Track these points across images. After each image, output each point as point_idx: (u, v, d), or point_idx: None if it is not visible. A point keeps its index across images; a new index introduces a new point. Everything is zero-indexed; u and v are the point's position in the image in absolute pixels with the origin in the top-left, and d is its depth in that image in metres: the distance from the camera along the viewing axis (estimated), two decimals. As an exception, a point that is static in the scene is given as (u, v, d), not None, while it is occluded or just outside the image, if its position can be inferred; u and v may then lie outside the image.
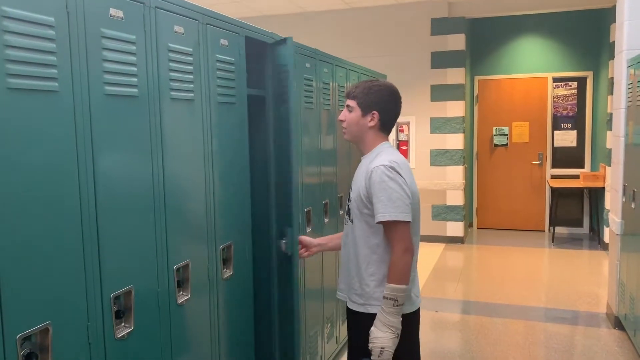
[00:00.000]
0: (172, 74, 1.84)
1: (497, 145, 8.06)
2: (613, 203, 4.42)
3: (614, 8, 4.74)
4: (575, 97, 7.77)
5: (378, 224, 2.00)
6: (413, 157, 7.33)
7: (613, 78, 4.69)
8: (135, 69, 1.66)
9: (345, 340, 3.08)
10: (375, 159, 2.05)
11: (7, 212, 1.24)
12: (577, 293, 5.20)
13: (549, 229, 7.77)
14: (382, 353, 1.93)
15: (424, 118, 7.27)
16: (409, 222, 1.99)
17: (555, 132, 7.85)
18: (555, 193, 7.47)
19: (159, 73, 1.77)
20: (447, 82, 7.15)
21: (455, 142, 7.21)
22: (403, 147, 7.37)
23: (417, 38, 7.18)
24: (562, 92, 7.81)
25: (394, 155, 2.07)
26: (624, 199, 4.08)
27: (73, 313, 1.44)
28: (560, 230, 7.75)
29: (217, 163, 2.13)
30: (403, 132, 7.37)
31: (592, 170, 7.58)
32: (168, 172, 1.83)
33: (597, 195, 7.32)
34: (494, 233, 8.01)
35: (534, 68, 7.83)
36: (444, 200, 7.30)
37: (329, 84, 3.39)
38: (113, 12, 1.58)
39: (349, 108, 2.13)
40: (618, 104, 4.31)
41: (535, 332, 4.28)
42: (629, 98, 3.99)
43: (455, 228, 7.32)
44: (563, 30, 7.64)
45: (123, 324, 1.64)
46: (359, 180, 2.09)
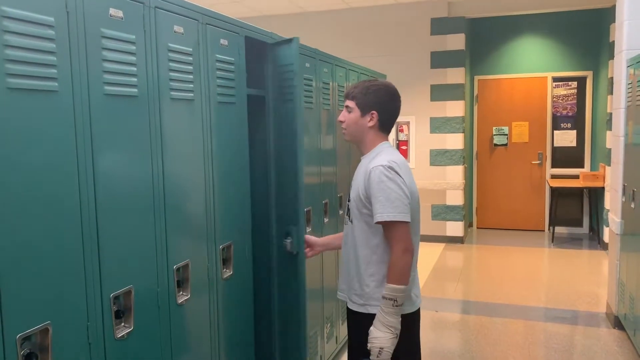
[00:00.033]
0: (171, 74, 1.84)
1: (496, 145, 8.06)
2: (613, 203, 4.42)
3: (614, 8, 4.74)
4: (575, 96, 7.77)
5: (377, 224, 2.00)
6: (413, 156, 7.33)
7: (613, 78, 4.69)
8: (135, 69, 1.66)
9: (345, 340, 3.08)
10: (375, 159, 2.05)
11: (7, 212, 1.25)
12: (576, 293, 5.20)
13: (549, 229, 7.78)
14: (380, 353, 1.93)
15: (424, 118, 7.27)
16: (408, 222, 1.98)
17: (555, 131, 7.85)
18: (555, 193, 7.47)
19: (159, 73, 1.78)
20: (446, 81, 7.16)
21: (455, 142, 7.21)
22: (403, 146, 7.37)
23: (416, 38, 7.18)
24: (561, 91, 7.81)
25: (393, 155, 2.07)
26: (624, 199, 4.08)
27: (73, 313, 1.44)
28: (560, 230, 7.75)
29: (217, 163, 2.13)
30: (403, 131, 7.38)
31: (591, 170, 7.58)
32: (168, 172, 1.83)
33: (596, 195, 7.32)
34: (494, 233, 8.01)
35: (534, 68, 7.83)
36: (444, 200, 7.30)
37: (329, 84, 3.39)
38: (113, 12, 1.58)
39: (348, 109, 2.13)
40: (618, 104, 4.31)
41: (535, 331, 4.28)
42: (629, 98, 3.99)
43: (455, 228, 7.32)
44: (563, 30, 7.64)
45: (123, 324, 1.64)
46: (359, 181, 2.08)
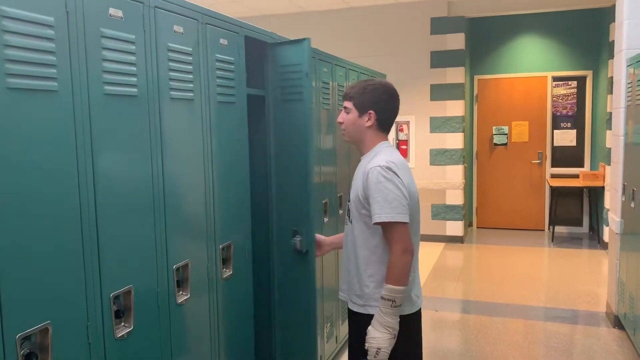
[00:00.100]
0: (171, 74, 1.84)
1: (496, 145, 8.06)
2: (613, 202, 4.42)
3: (614, 7, 4.74)
4: (575, 96, 7.76)
5: (376, 225, 2.00)
6: (412, 156, 7.33)
7: (612, 77, 4.69)
8: (135, 69, 1.66)
9: (345, 340, 3.08)
10: (373, 159, 2.04)
11: (7, 212, 1.25)
12: (576, 292, 5.20)
13: (549, 228, 7.77)
14: (378, 353, 1.92)
15: (424, 117, 7.27)
16: (407, 222, 1.97)
17: (555, 131, 7.85)
18: (555, 192, 7.47)
19: (159, 73, 1.78)
20: (446, 81, 7.15)
21: (455, 141, 7.21)
22: (402, 146, 7.37)
23: (416, 37, 7.18)
24: (561, 91, 7.81)
25: (392, 155, 2.05)
26: (624, 198, 4.08)
27: (73, 313, 1.44)
28: (560, 230, 7.75)
29: (216, 163, 2.13)
30: (402, 131, 7.37)
31: (591, 170, 7.58)
32: (168, 172, 1.83)
33: (596, 195, 7.32)
34: (494, 232, 8.00)
35: (534, 67, 7.83)
36: (444, 200, 7.30)
37: (329, 84, 3.39)
38: (112, 11, 1.58)
39: (346, 109, 2.12)
40: (617, 103, 4.31)
41: (535, 331, 4.28)
42: (629, 97, 3.99)
43: (455, 227, 7.32)
44: (562, 30, 7.64)
45: (123, 324, 1.64)
46: (358, 181, 2.08)
